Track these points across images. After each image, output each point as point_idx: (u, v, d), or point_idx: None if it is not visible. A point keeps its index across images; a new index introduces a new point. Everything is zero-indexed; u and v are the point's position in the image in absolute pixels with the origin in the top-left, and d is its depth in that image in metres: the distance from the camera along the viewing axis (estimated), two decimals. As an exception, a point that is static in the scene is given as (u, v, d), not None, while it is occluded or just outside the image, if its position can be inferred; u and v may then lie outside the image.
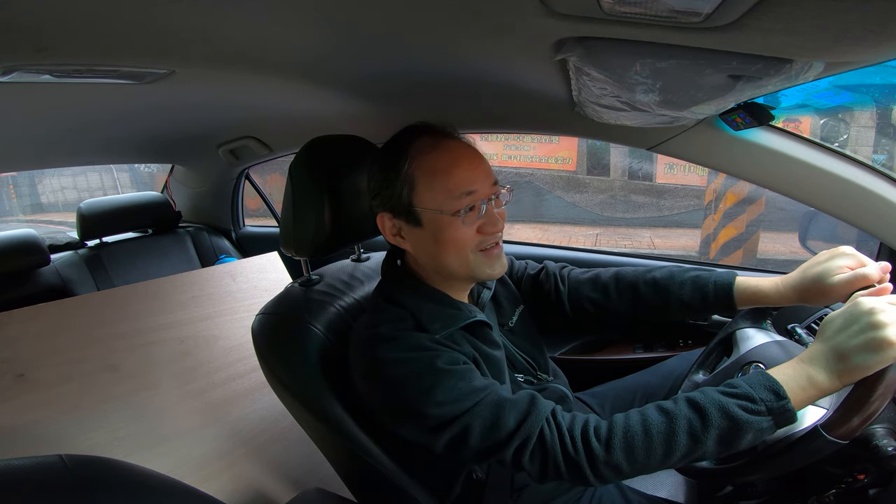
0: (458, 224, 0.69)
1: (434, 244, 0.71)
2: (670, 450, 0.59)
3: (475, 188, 0.70)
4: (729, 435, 0.58)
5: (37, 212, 8.61)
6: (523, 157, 5.65)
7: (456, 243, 0.70)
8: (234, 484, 1.11)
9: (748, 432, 0.57)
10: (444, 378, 0.64)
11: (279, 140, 1.70)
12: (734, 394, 0.59)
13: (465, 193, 0.69)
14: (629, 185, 5.33)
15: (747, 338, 0.84)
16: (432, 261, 0.74)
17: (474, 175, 0.70)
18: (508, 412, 0.63)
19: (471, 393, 0.64)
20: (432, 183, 0.69)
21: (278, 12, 0.61)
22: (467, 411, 0.63)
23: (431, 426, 0.64)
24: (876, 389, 0.56)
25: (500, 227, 0.72)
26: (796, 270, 0.74)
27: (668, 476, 0.94)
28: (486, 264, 0.73)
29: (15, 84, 0.79)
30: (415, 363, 0.66)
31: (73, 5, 0.55)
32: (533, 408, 0.63)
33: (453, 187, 0.69)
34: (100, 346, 1.13)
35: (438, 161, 0.70)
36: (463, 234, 0.70)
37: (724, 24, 0.43)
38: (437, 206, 0.69)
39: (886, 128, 3.67)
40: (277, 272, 1.53)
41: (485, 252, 0.73)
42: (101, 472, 0.50)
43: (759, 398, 0.57)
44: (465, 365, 0.68)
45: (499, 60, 0.79)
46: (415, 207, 0.70)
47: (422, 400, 0.63)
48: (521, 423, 0.62)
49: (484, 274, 0.74)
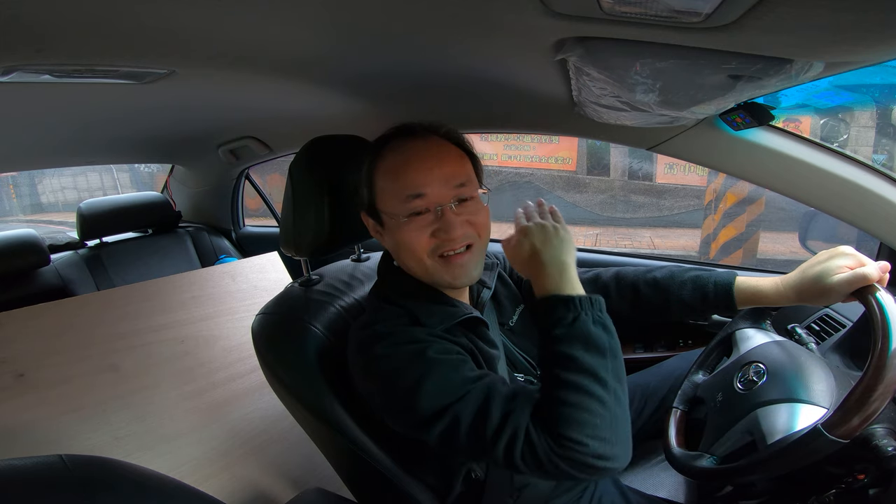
0: (406, 227, 0.68)
1: (394, 246, 0.72)
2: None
3: (425, 191, 0.68)
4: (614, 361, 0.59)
5: (37, 212, 8.62)
6: (523, 157, 5.66)
7: (408, 247, 0.69)
8: (234, 484, 1.11)
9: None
10: (434, 367, 0.63)
11: (279, 140, 1.70)
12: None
13: (413, 196, 0.68)
14: (629, 185, 5.34)
15: (747, 338, 0.84)
16: (400, 261, 0.75)
17: (426, 178, 0.68)
18: (495, 404, 0.60)
19: (462, 382, 0.62)
20: (384, 184, 0.70)
21: (278, 12, 0.61)
22: (458, 400, 0.61)
23: (423, 418, 0.62)
24: (876, 389, 0.56)
25: (457, 234, 0.68)
26: (796, 270, 0.74)
27: (668, 476, 0.94)
28: (444, 271, 0.70)
29: (15, 84, 0.79)
30: (406, 354, 0.65)
31: (74, 5, 0.55)
32: (517, 401, 0.60)
33: (401, 189, 0.68)
34: (100, 346, 1.13)
35: (392, 162, 0.70)
36: (412, 238, 0.69)
37: (724, 24, 0.43)
38: (389, 209, 0.70)
39: (886, 128, 3.67)
40: (277, 272, 1.53)
41: (444, 259, 0.70)
42: (101, 472, 0.50)
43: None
44: (457, 355, 0.67)
45: (499, 60, 0.79)
46: (376, 208, 0.72)
47: (412, 390, 0.62)
48: (507, 415, 0.59)
49: (444, 281, 0.71)
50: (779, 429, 0.67)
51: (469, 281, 0.73)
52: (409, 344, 0.67)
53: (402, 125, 0.74)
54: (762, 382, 0.73)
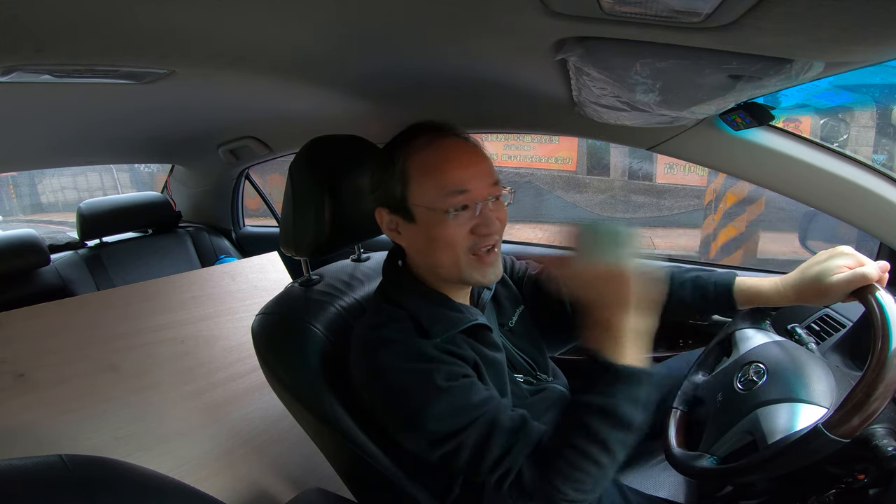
0: (448, 222, 0.68)
1: (426, 241, 0.71)
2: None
3: (468, 187, 0.68)
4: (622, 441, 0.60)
5: (37, 212, 8.62)
6: (523, 157, 5.66)
7: (446, 242, 0.69)
8: (234, 484, 1.11)
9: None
10: (442, 395, 0.64)
11: (279, 140, 1.70)
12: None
13: (457, 192, 0.68)
14: (629, 185, 5.34)
15: (747, 338, 0.84)
16: (425, 259, 0.74)
17: (468, 174, 0.69)
18: (496, 438, 0.62)
19: (468, 409, 0.64)
20: (424, 179, 0.69)
21: (278, 12, 0.61)
22: (463, 430, 0.63)
23: (427, 441, 0.65)
24: (876, 389, 0.56)
25: (495, 229, 0.70)
26: (795, 270, 0.74)
27: (668, 476, 0.94)
28: (477, 269, 0.71)
29: (15, 84, 0.79)
30: (414, 376, 0.65)
31: (73, 5, 0.55)
32: (517, 439, 0.63)
33: (444, 184, 0.68)
34: (100, 346, 1.13)
35: (431, 158, 0.69)
36: (453, 234, 0.68)
37: (724, 24, 0.43)
38: (428, 203, 0.69)
39: (886, 128, 3.67)
40: (277, 272, 1.53)
41: (477, 257, 0.70)
42: (101, 472, 0.50)
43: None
44: (464, 379, 0.67)
45: (499, 60, 0.79)
46: (408, 203, 0.70)
47: (419, 414, 0.64)
48: (506, 453, 0.62)
49: (474, 279, 0.72)
50: (779, 429, 0.67)
51: (496, 278, 0.74)
52: (416, 361, 0.67)
53: (423, 123, 0.73)
54: (762, 382, 0.73)
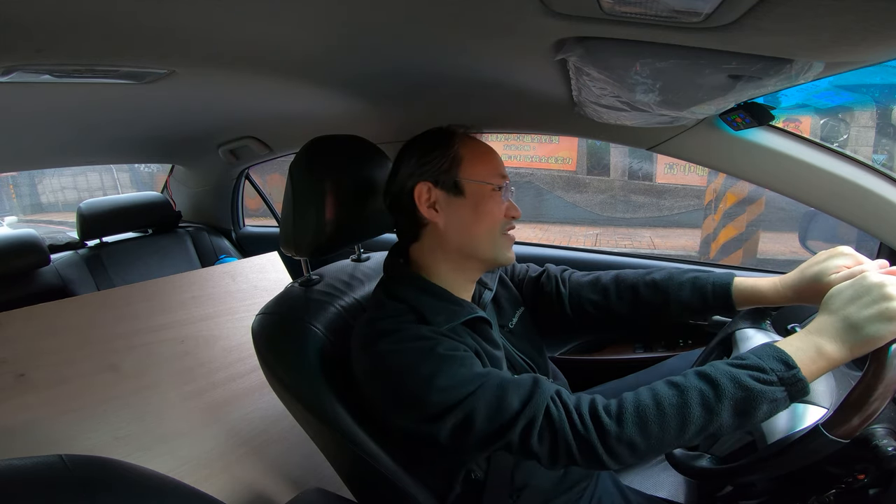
0: (497, 198, 0.76)
1: (472, 214, 0.75)
2: (685, 422, 0.58)
3: (506, 175, 0.79)
4: (744, 405, 0.57)
5: (37, 212, 8.63)
6: (523, 157, 5.66)
7: (492, 217, 0.76)
8: (234, 484, 1.11)
9: (762, 402, 0.56)
10: (444, 364, 0.64)
11: (279, 140, 1.70)
12: (744, 365, 0.59)
13: (501, 176, 0.78)
14: (629, 185, 5.34)
15: (747, 338, 0.84)
16: (462, 235, 0.76)
17: (503, 165, 0.80)
18: (512, 393, 0.62)
19: (473, 377, 0.64)
20: (477, 160, 0.77)
21: (279, 12, 0.61)
22: (470, 395, 0.63)
23: (434, 413, 0.63)
24: (876, 389, 0.56)
25: (519, 214, 0.80)
26: (795, 270, 0.74)
27: (668, 476, 0.94)
28: (506, 248, 0.79)
29: (15, 84, 0.79)
30: (415, 352, 0.66)
31: (73, 5, 0.55)
32: (536, 388, 0.63)
33: (493, 168, 0.77)
34: (100, 346, 1.13)
35: (479, 146, 0.79)
36: (498, 210, 0.76)
37: (724, 24, 0.43)
38: (481, 177, 0.76)
39: (886, 128, 3.68)
40: (277, 272, 1.53)
41: (506, 237, 0.78)
42: (101, 472, 0.50)
43: (769, 368, 0.57)
44: (465, 352, 0.68)
45: (499, 60, 0.79)
46: (460, 178, 0.75)
47: (423, 387, 0.63)
48: (526, 402, 0.61)
49: (503, 257, 0.79)
50: (779, 429, 0.67)
51: (512, 260, 0.81)
52: (416, 341, 0.67)
53: (452, 125, 0.81)
54: (762, 382, 0.73)
